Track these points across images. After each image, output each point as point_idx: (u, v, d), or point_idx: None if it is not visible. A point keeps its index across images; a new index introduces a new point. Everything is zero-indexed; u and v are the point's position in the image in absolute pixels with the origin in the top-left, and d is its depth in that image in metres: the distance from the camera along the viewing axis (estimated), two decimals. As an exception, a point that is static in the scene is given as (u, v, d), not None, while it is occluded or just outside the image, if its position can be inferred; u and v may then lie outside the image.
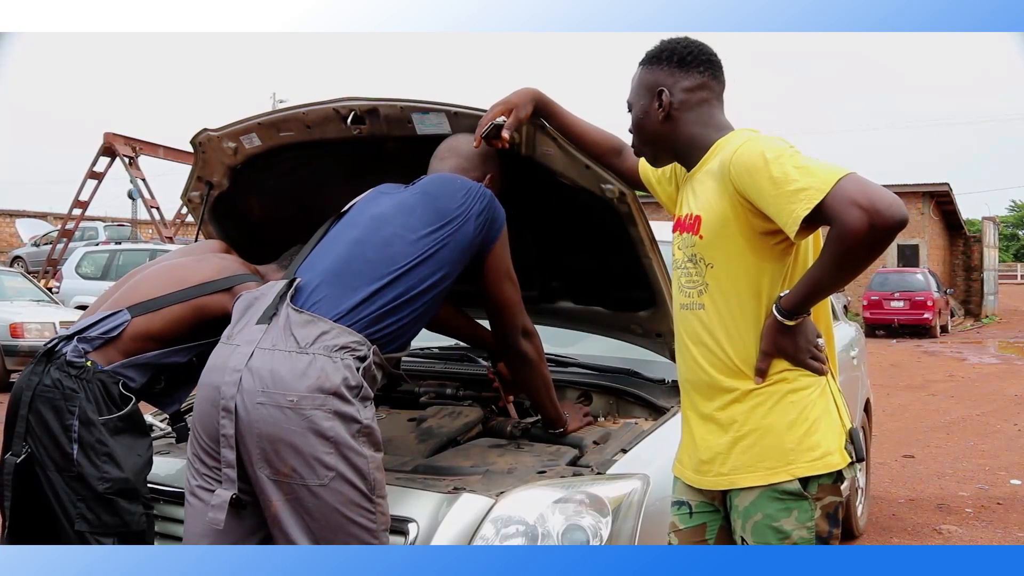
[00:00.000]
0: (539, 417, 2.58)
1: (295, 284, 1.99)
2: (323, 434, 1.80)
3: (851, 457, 1.72)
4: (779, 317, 1.68)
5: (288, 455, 1.80)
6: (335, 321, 1.89)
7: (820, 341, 1.72)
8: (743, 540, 1.73)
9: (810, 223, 1.59)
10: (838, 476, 1.71)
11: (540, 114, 2.22)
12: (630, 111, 1.90)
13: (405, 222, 2.04)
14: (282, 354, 1.85)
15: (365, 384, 1.87)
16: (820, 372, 1.72)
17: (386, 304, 1.94)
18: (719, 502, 1.80)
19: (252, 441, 1.82)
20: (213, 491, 1.88)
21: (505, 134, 2.14)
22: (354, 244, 2.03)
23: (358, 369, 1.86)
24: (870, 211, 1.52)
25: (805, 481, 1.68)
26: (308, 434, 1.79)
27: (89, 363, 2.15)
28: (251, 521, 1.90)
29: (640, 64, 1.87)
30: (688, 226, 1.81)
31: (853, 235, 1.53)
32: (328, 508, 1.80)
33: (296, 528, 1.81)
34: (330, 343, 1.86)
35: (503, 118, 2.15)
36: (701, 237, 1.76)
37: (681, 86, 1.81)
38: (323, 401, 1.81)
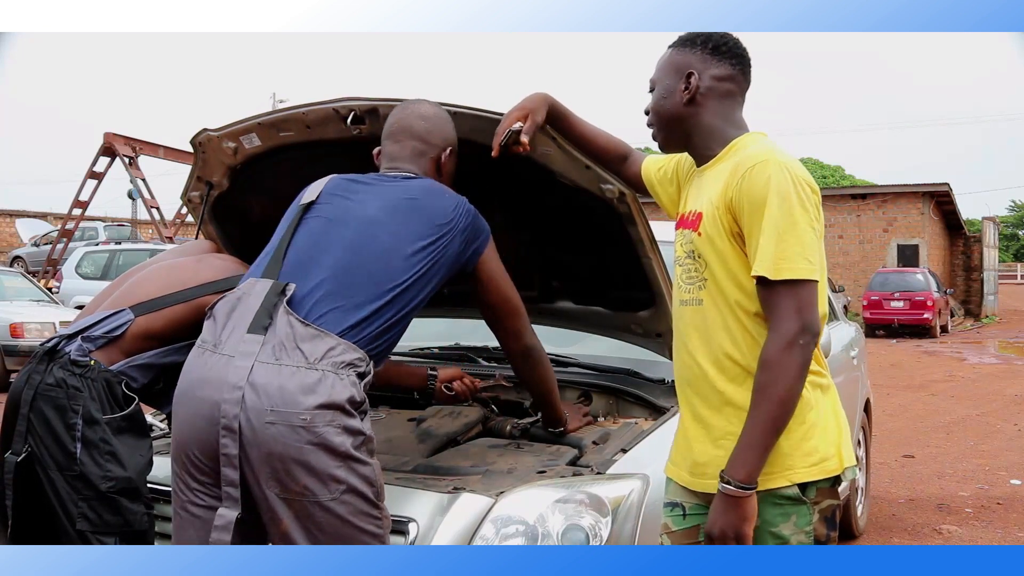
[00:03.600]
0: (539, 417, 2.58)
1: (289, 289, 1.90)
2: (335, 449, 1.77)
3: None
4: (731, 489, 1.63)
5: (300, 473, 1.76)
6: (341, 336, 1.85)
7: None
8: None
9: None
10: (835, 479, 1.71)
11: (552, 119, 2.20)
12: (651, 91, 1.88)
13: (399, 232, 1.98)
14: (290, 369, 1.79)
15: (367, 399, 1.87)
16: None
17: (385, 322, 1.91)
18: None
19: (260, 460, 1.77)
20: (205, 505, 1.84)
21: (524, 139, 2.12)
22: (351, 251, 1.96)
23: (359, 384, 1.85)
24: (804, 322, 1.61)
25: (803, 486, 1.68)
26: (320, 451, 1.76)
27: (93, 362, 2.15)
28: (240, 537, 1.87)
29: (671, 46, 1.86)
30: (690, 222, 1.81)
31: (784, 342, 1.61)
32: (339, 520, 1.78)
33: (307, 543, 1.79)
34: (337, 359, 1.82)
35: (520, 124, 2.12)
36: (700, 234, 1.76)
37: (711, 73, 1.81)
38: (332, 417, 1.78)
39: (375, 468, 1.84)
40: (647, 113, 1.91)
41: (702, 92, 1.80)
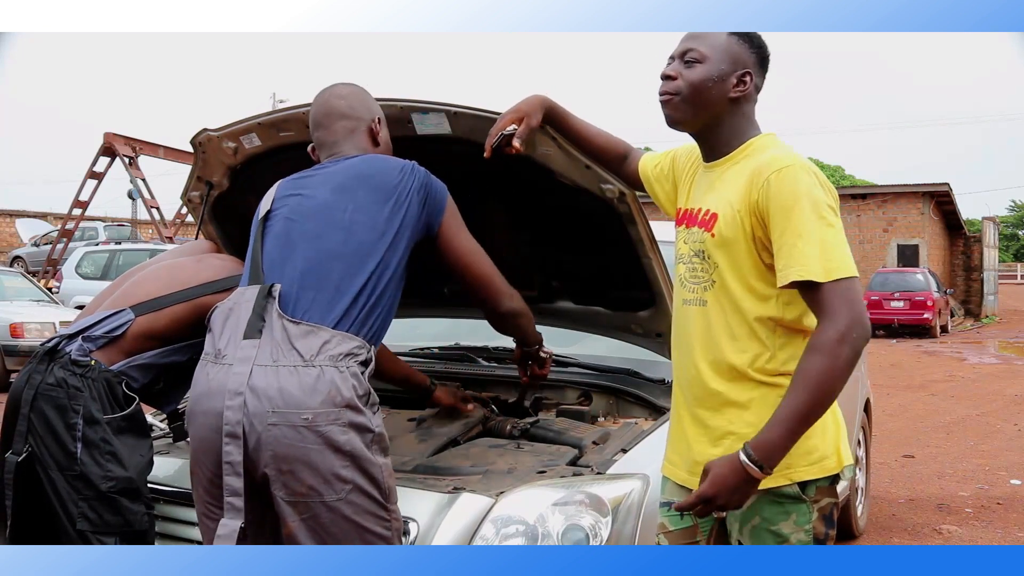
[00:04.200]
0: (538, 418, 2.58)
1: (275, 290, 1.90)
2: (340, 448, 1.77)
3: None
4: (753, 468, 1.58)
5: (305, 474, 1.76)
6: (333, 327, 1.85)
7: None
8: (739, 543, 1.73)
9: (794, 287, 1.64)
10: (834, 478, 1.71)
11: (549, 121, 2.19)
12: (690, 60, 1.77)
13: (355, 207, 1.97)
14: (287, 370, 1.79)
15: (372, 390, 1.86)
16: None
17: (368, 299, 1.90)
18: None
19: (266, 463, 1.77)
20: (219, 519, 1.83)
21: (516, 143, 2.11)
22: (316, 239, 1.96)
23: (363, 374, 1.84)
24: (856, 317, 1.59)
25: (803, 484, 1.68)
26: (325, 450, 1.76)
27: (93, 362, 2.15)
28: (263, 543, 1.88)
29: (729, 32, 1.80)
30: (702, 221, 1.78)
31: (838, 334, 1.58)
32: (345, 521, 1.78)
33: (312, 544, 1.79)
34: (334, 352, 1.81)
35: (514, 127, 2.12)
36: (713, 235, 1.74)
37: (756, 81, 1.82)
38: (337, 415, 1.77)
39: (384, 468, 1.83)
40: (669, 78, 1.79)
41: (746, 96, 1.80)
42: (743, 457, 1.59)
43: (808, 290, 1.63)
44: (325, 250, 1.94)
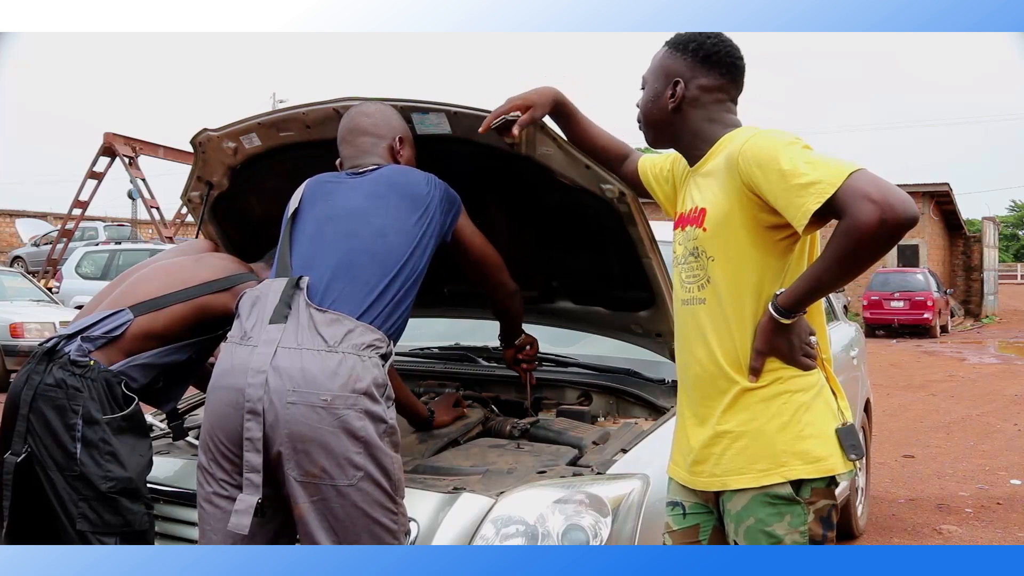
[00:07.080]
0: (538, 418, 2.58)
1: (303, 282, 1.96)
2: (355, 434, 1.81)
3: (850, 455, 1.71)
4: (775, 315, 1.66)
5: (319, 455, 1.80)
6: (358, 319, 1.91)
7: (812, 339, 1.72)
8: (735, 544, 1.72)
9: (819, 217, 1.59)
10: (831, 480, 1.70)
11: (557, 115, 2.19)
12: (643, 88, 1.89)
13: (387, 212, 2.05)
14: (311, 353, 1.84)
15: (389, 383, 1.90)
16: (810, 368, 1.71)
17: (393, 297, 1.97)
18: (712, 503, 1.79)
19: (282, 442, 1.81)
20: (229, 496, 1.87)
21: (515, 130, 2.11)
22: (350, 239, 2.03)
23: (382, 367, 1.89)
24: (883, 205, 1.52)
25: (798, 485, 1.67)
26: (340, 434, 1.80)
27: (92, 362, 2.15)
28: (273, 525, 1.90)
29: (665, 44, 1.85)
30: (692, 220, 1.79)
31: (864, 229, 1.52)
32: (354, 509, 1.81)
33: (320, 530, 1.81)
34: (357, 341, 1.87)
35: (517, 113, 2.11)
36: (705, 230, 1.75)
37: (698, 82, 1.80)
38: (355, 401, 1.82)
39: (395, 461, 1.87)
40: (638, 107, 1.91)
41: (688, 100, 1.81)
42: (770, 308, 1.67)
43: (830, 209, 1.56)
44: (358, 248, 2.01)
